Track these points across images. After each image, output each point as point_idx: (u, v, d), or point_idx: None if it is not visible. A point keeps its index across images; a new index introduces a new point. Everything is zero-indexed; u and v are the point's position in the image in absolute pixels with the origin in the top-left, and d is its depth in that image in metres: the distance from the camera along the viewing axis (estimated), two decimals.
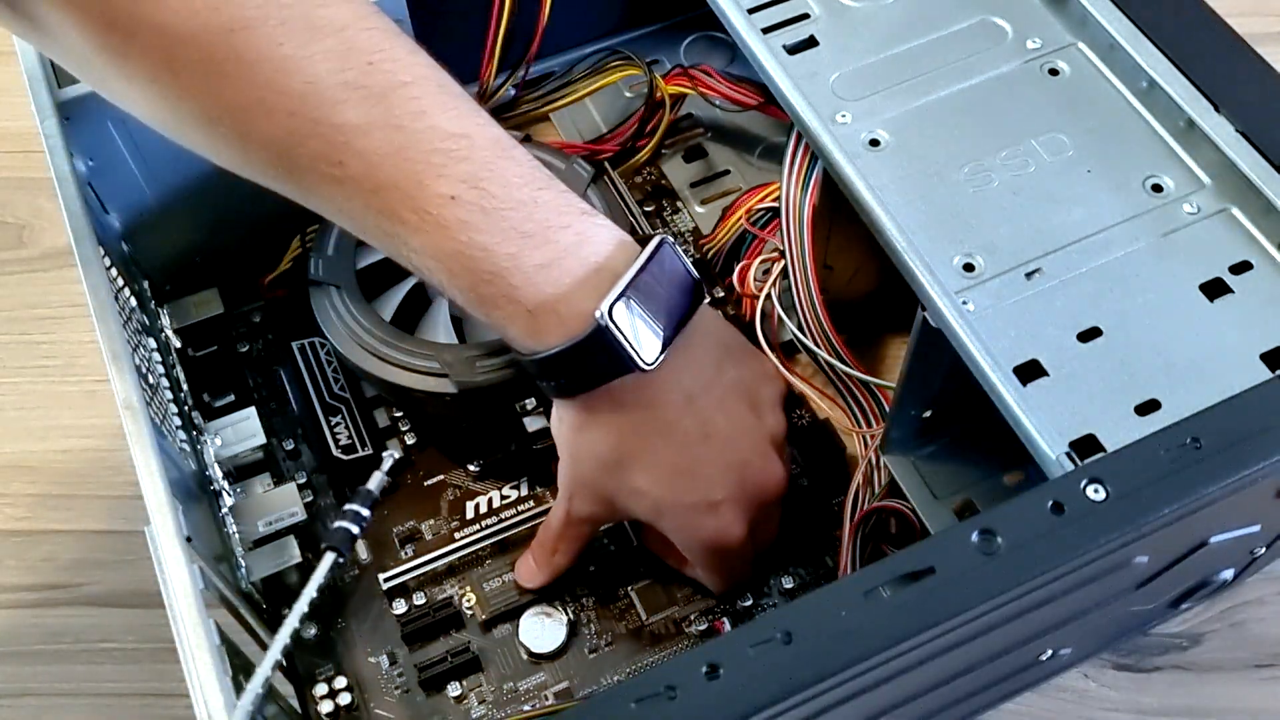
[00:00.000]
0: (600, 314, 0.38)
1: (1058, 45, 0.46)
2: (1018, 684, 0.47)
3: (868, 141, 0.44)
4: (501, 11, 0.52)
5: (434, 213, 0.38)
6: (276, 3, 0.37)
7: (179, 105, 0.38)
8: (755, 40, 0.47)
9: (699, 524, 0.43)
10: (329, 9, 0.38)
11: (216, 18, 0.36)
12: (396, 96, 0.38)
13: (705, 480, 0.42)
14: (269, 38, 0.36)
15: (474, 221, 0.38)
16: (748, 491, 0.43)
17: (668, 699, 0.30)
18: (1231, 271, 0.40)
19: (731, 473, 0.43)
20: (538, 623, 0.47)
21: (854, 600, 0.31)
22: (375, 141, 0.38)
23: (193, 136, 0.39)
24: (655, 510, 0.43)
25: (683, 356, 0.41)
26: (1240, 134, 0.42)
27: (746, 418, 0.44)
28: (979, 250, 0.41)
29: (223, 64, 0.36)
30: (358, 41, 0.38)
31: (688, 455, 0.42)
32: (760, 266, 0.52)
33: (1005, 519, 0.33)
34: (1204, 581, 0.45)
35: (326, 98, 0.37)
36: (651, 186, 0.60)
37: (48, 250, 0.64)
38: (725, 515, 0.43)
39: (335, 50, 0.37)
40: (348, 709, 0.45)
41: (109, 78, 0.39)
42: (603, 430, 0.41)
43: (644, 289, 0.39)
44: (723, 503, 0.42)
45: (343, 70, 0.37)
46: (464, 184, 0.38)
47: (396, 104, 0.38)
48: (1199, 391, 0.37)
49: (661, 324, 0.40)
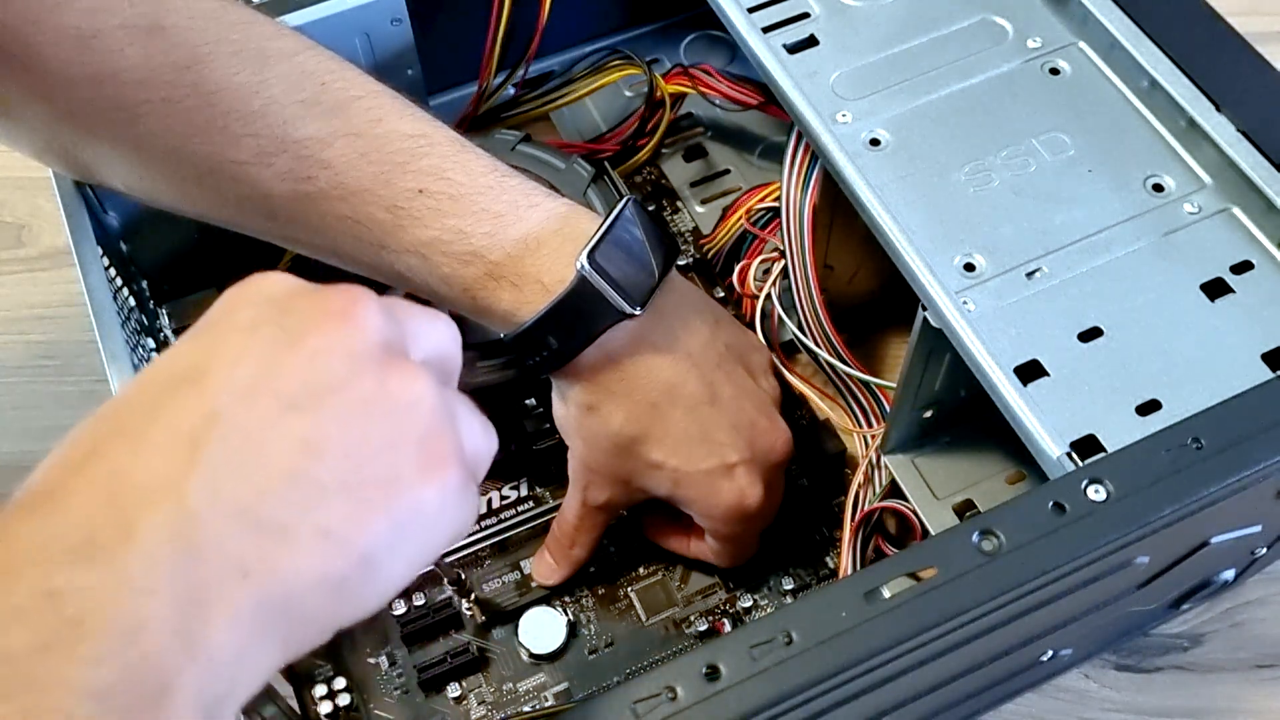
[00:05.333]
0: (580, 263, 0.39)
1: (1058, 44, 0.46)
2: (1018, 685, 0.47)
3: (868, 141, 0.44)
4: (501, 11, 0.52)
5: (405, 207, 0.40)
6: (228, 39, 0.39)
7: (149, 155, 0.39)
8: (755, 39, 0.47)
9: (718, 489, 0.43)
10: (278, 41, 0.40)
11: (171, 57, 0.38)
12: (353, 109, 0.40)
13: (718, 444, 0.42)
14: (224, 69, 0.38)
15: (445, 208, 0.40)
16: (759, 452, 0.43)
17: (668, 699, 0.30)
18: (1232, 271, 0.40)
19: (741, 434, 0.43)
20: (537, 623, 0.47)
21: (854, 601, 0.31)
22: (338, 150, 0.39)
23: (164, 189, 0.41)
24: (674, 482, 0.43)
25: (675, 318, 0.42)
26: (1241, 133, 0.42)
27: (746, 380, 0.44)
28: (980, 250, 0.41)
29: (183, 99, 0.38)
30: (309, 65, 0.40)
31: (698, 420, 0.42)
32: (760, 266, 0.52)
33: (1006, 519, 0.33)
34: (1205, 582, 0.45)
35: (286, 115, 0.39)
36: (651, 186, 0.60)
37: (46, 250, 0.64)
38: (742, 477, 0.43)
39: (289, 75, 0.39)
40: (347, 710, 0.45)
41: (77, 143, 0.40)
42: (612, 406, 0.41)
43: (619, 243, 0.40)
44: (737, 465, 0.42)
45: (299, 91, 0.39)
46: (430, 176, 0.40)
47: (354, 115, 0.40)
48: (1200, 391, 0.37)
49: (641, 274, 0.40)
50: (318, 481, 0.24)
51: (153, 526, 0.22)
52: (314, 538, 0.24)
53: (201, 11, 0.39)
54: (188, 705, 0.21)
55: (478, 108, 0.55)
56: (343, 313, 0.27)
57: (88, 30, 0.37)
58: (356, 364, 0.26)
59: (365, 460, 0.25)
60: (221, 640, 0.22)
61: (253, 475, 0.24)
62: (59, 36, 0.37)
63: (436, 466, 0.27)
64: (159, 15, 0.38)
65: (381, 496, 0.25)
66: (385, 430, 0.26)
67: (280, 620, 0.23)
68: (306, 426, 0.25)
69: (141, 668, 0.21)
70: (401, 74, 0.55)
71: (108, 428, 0.24)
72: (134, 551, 0.21)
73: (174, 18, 0.38)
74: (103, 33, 0.37)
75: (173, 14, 0.38)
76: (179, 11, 0.38)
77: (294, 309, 0.26)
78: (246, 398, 0.25)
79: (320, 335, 0.26)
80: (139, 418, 0.24)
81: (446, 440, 0.27)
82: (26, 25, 0.36)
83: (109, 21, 0.37)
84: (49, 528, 0.22)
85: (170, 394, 0.25)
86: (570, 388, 0.42)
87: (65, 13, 0.37)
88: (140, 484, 0.23)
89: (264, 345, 0.25)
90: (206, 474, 0.23)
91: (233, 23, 0.39)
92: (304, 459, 0.24)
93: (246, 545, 0.23)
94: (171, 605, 0.21)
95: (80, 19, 0.37)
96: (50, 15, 0.36)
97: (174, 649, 0.21)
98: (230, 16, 0.40)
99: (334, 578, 0.24)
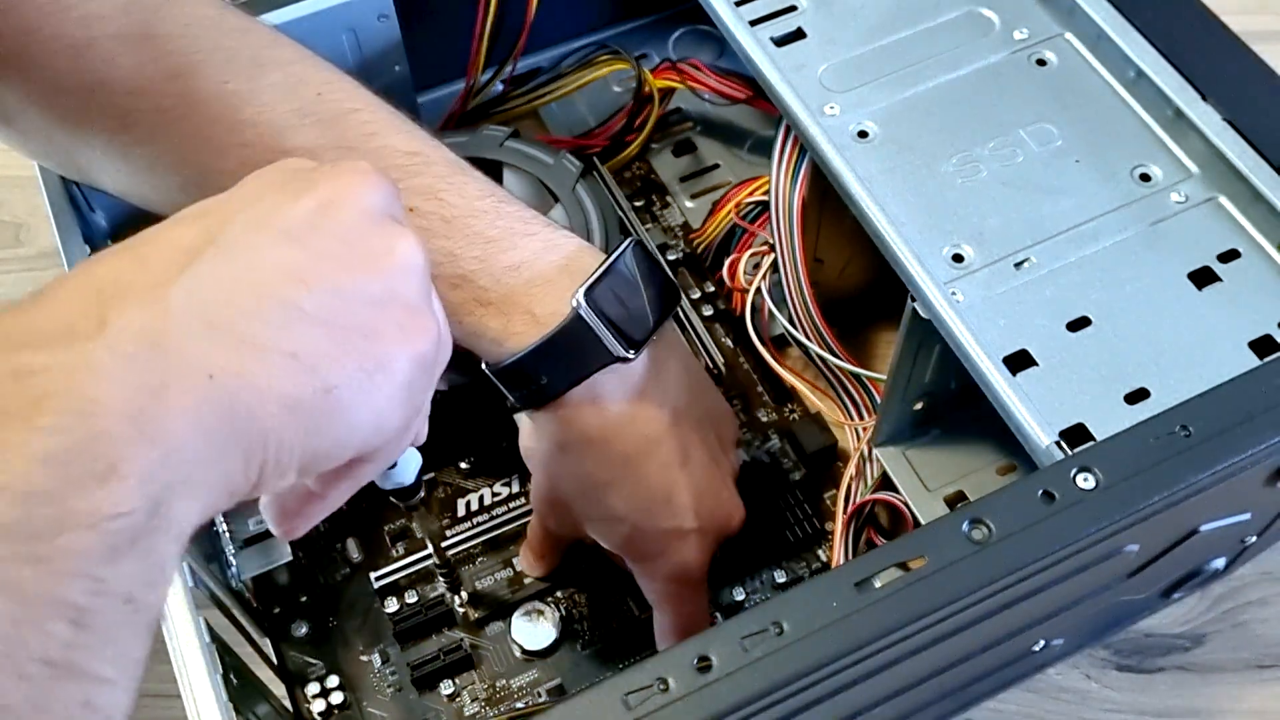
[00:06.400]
0: (578, 300, 0.37)
1: (1045, 35, 0.46)
2: (1011, 675, 0.47)
3: (856, 133, 0.44)
4: (488, 7, 0.51)
5: None
6: (222, 46, 0.38)
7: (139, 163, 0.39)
8: (743, 33, 0.47)
9: (668, 552, 0.42)
10: (273, 49, 0.39)
11: (162, 66, 0.37)
12: (348, 121, 0.39)
13: (679, 507, 0.41)
14: (214, 78, 0.38)
15: (436, 229, 0.38)
16: (717, 523, 0.42)
17: (659, 691, 0.30)
18: (1219, 260, 0.40)
19: (704, 502, 0.42)
20: (530, 620, 0.47)
21: (845, 591, 0.31)
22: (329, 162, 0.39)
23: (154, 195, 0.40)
24: (626, 538, 0.42)
25: (666, 371, 0.41)
26: (1227, 123, 0.42)
27: (716, 449, 0.43)
28: (968, 241, 0.41)
29: (172, 109, 0.37)
30: (305, 74, 0.39)
31: (667, 479, 0.41)
32: (750, 260, 0.52)
33: (996, 508, 0.33)
34: (1195, 570, 0.45)
35: (278, 125, 0.38)
36: (641, 181, 0.60)
37: (45, 249, 0.64)
38: (692, 546, 0.42)
39: (282, 84, 0.38)
40: (340, 708, 0.45)
41: (72, 148, 0.40)
42: (587, 450, 0.40)
43: (618, 284, 0.38)
44: (692, 533, 0.41)
45: (292, 100, 0.38)
46: (422, 195, 0.38)
47: (348, 128, 0.39)
48: (1188, 379, 0.37)
49: (638, 319, 0.39)
50: (299, 308, 0.25)
51: (126, 319, 0.23)
52: (283, 357, 0.25)
53: (197, 19, 0.38)
54: (134, 484, 0.22)
55: (465, 104, 0.55)
56: (359, 170, 0.29)
57: (82, 40, 0.37)
58: (364, 217, 0.28)
59: (351, 304, 0.26)
60: (176, 429, 0.23)
61: (237, 290, 0.25)
62: (54, 45, 0.36)
63: (415, 334, 0.28)
64: (152, 24, 0.37)
65: (357, 340, 0.26)
66: (377, 285, 0.27)
67: (241, 429, 0.24)
68: (301, 258, 0.26)
69: (92, 443, 0.22)
70: (389, 70, 0.55)
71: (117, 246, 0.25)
72: (102, 340, 0.22)
73: (168, 26, 0.38)
74: (96, 41, 0.37)
75: (167, 22, 0.38)
76: (173, 20, 0.38)
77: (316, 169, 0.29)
78: (251, 226, 0.26)
79: (335, 185, 0.28)
80: (146, 238, 0.26)
81: (428, 315, 0.29)
82: (22, 35, 0.36)
83: (103, 30, 0.37)
84: (33, 319, 0.23)
85: (181, 221, 0.26)
86: (547, 424, 0.41)
87: (60, 22, 0.36)
88: (127, 284, 0.24)
89: (280, 188, 0.28)
90: (191, 282, 0.24)
91: (228, 30, 0.39)
92: (291, 286, 0.25)
93: (215, 351, 0.24)
94: (130, 390, 0.22)
95: (75, 28, 0.36)
96: (45, 24, 0.36)
97: (126, 430, 0.22)
98: (227, 24, 0.39)
99: (294, 399, 0.25)
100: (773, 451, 0.51)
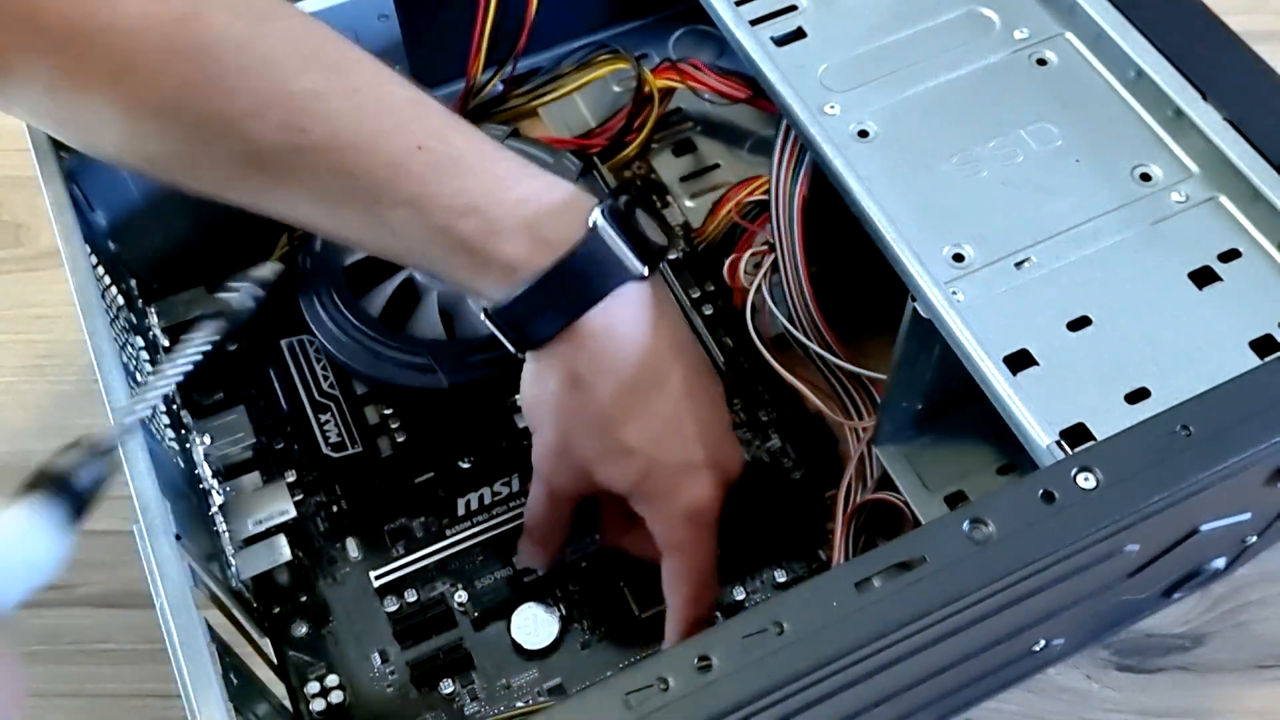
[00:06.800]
0: (595, 219, 0.39)
1: (1045, 35, 0.46)
2: (1011, 675, 0.47)
3: (856, 133, 0.44)
4: (488, 6, 0.51)
5: (402, 162, 0.39)
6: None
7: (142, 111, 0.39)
8: (743, 33, 0.47)
9: (681, 487, 0.42)
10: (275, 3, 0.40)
11: (169, 8, 0.38)
12: (352, 68, 0.40)
13: (689, 440, 0.42)
14: (221, 20, 0.38)
15: (444, 165, 0.39)
16: (721, 462, 0.43)
17: (660, 690, 0.30)
18: (1220, 259, 0.40)
19: (709, 436, 0.42)
20: (530, 619, 0.47)
21: (845, 590, 0.31)
22: (336, 103, 0.39)
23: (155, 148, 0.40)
24: (641, 472, 0.42)
25: (666, 304, 0.42)
26: (1228, 122, 0.42)
27: (714, 389, 0.44)
28: (968, 240, 0.41)
29: (180, 50, 0.38)
30: (306, 28, 0.40)
31: (676, 411, 0.41)
32: (750, 259, 0.52)
33: (996, 508, 0.33)
34: (1196, 570, 0.45)
35: (286, 67, 0.39)
36: (641, 181, 0.60)
37: (45, 249, 0.64)
38: (703, 481, 0.42)
39: (286, 32, 0.39)
40: (340, 707, 0.45)
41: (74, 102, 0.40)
42: (598, 380, 0.41)
43: (626, 210, 0.40)
44: (701, 467, 0.42)
45: (298, 46, 0.39)
46: (429, 135, 0.40)
47: (352, 73, 0.40)
48: (1188, 379, 0.37)
49: (651, 238, 0.40)
50: None
51: None
52: None
53: None
54: None
55: (466, 104, 0.55)
56: None
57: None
58: None
59: None
60: None
61: None
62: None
63: None
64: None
65: None
66: None
67: None
68: None
69: None
70: None
71: None
72: None
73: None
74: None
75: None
76: None
77: None
78: None
79: None
80: None
81: None
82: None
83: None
84: None
85: None
86: (556, 359, 0.41)
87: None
88: None
89: None
90: None
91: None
92: None
93: None
94: None
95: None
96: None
97: None
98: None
99: None
100: (773, 451, 0.51)
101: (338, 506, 0.50)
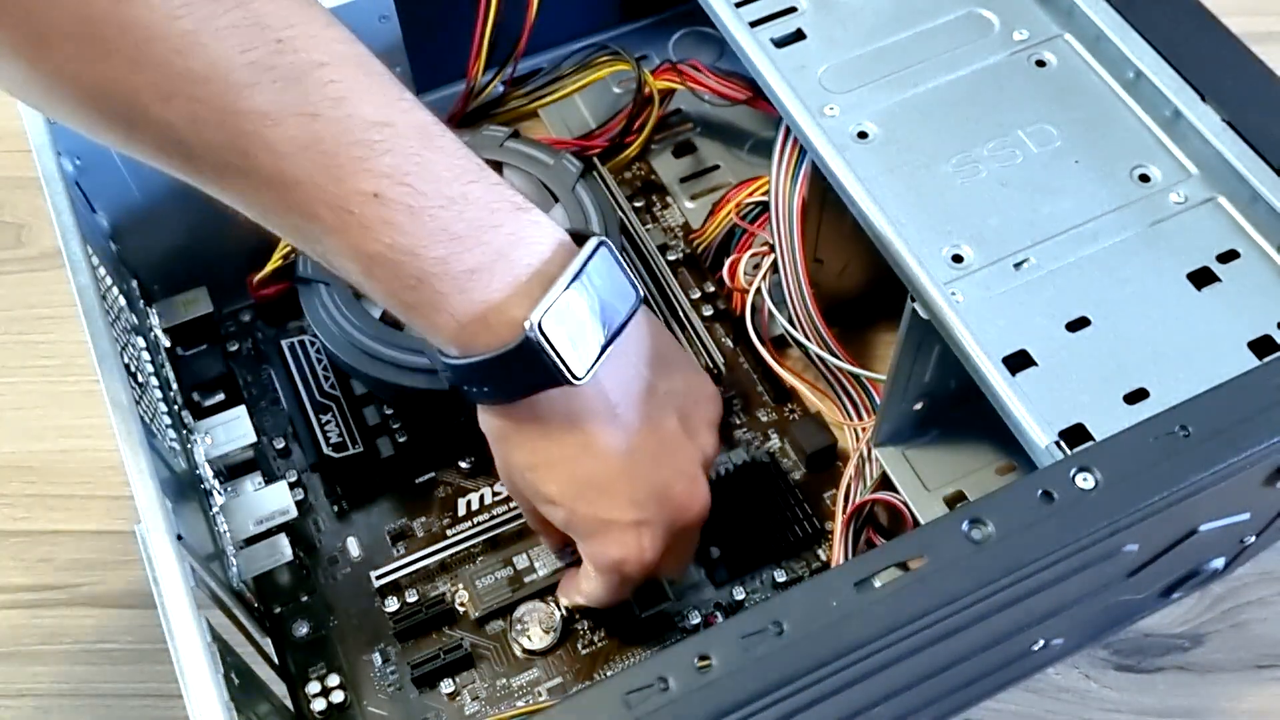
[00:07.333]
0: (530, 325, 0.36)
1: (1044, 36, 0.46)
2: (1011, 674, 0.47)
3: (856, 134, 0.44)
4: (489, 7, 0.51)
5: (355, 211, 0.35)
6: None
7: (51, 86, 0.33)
8: (743, 34, 0.47)
9: (608, 540, 0.41)
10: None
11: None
12: (312, 80, 0.34)
13: (623, 498, 0.40)
14: (165, 10, 0.31)
15: (399, 222, 0.35)
16: (666, 513, 0.41)
17: (659, 690, 0.30)
18: (1219, 260, 0.40)
19: (652, 492, 0.40)
20: (530, 619, 0.47)
21: (845, 590, 0.31)
22: (288, 131, 0.33)
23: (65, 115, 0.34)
24: (565, 519, 0.41)
25: (612, 364, 0.39)
26: (1226, 123, 0.42)
27: (676, 434, 0.41)
28: (968, 241, 0.41)
29: (107, 40, 0.31)
30: (265, 14, 0.33)
31: (605, 469, 0.40)
32: (750, 260, 0.52)
33: (995, 508, 0.33)
34: (1195, 570, 0.45)
35: (232, 81, 0.32)
36: (641, 182, 0.60)
37: (46, 250, 0.64)
38: (640, 538, 0.41)
39: (240, 25, 0.32)
40: (340, 707, 0.45)
41: None
42: (521, 438, 0.40)
43: (579, 296, 0.37)
44: (639, 524, 0.40)
45: (250, 49, 0.32)
46: (388, 179, 0.35)
47: (312, 89, 0.34)
48: (1187, 380, 0.37)
49: (596, 334, 0.38)
50: None
51: None
52: None
53: None
54: None
55: (466, 105, 0.55)
56: None
57: None
58: None
59: None
60: None
61: None
62: None
63: None
64: None
65: None
66: None
67: None
68: None
69: None
70: None
71: None
72: None
73: None
74: None
75: None
76: None
77: None
78: None
79: None
80: None
81: None
82: None
83: None
84: None
85: None
86: (488, 412, 0.41)
87: None
88: None
89: None
90: None
91: None
92: None
93: None
94: None
95: None
96: None
97: None
98: None
99: None
100: (773, 451, 0.51)
101: (338, 507, 0.50)
